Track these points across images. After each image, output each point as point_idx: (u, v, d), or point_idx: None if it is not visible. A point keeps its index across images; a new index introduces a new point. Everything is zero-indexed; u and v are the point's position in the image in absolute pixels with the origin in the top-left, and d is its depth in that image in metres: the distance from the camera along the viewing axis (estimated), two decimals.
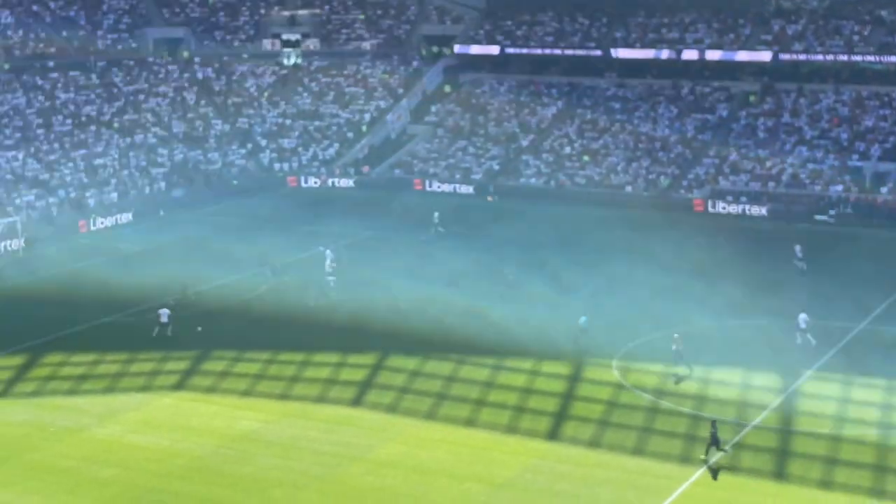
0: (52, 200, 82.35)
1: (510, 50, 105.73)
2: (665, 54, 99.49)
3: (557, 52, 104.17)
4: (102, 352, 53.47)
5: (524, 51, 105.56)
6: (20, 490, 38.96)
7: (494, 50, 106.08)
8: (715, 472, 39.74)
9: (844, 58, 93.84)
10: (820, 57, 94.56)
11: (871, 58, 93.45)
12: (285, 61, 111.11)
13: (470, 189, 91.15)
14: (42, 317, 58.69)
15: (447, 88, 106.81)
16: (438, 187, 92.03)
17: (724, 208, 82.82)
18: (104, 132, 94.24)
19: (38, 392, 48.68)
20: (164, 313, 55.38)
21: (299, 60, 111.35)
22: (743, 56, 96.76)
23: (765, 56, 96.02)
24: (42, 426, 44.64)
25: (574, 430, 43.61)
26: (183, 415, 45.92)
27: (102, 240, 76.97)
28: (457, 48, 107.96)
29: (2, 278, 67.12)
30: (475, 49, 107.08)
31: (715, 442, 40.41)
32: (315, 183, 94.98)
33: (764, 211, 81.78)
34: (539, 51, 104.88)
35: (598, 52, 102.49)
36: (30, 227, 76.18)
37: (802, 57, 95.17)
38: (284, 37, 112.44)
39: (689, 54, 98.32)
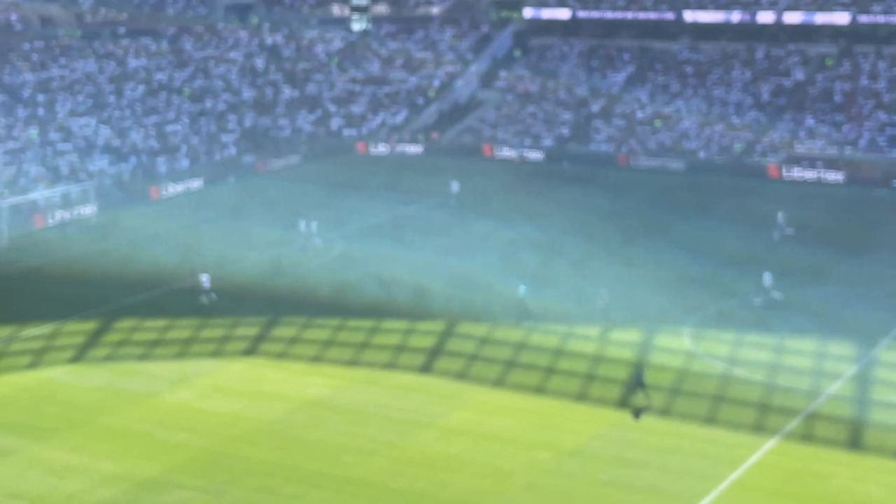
0: (125, 167, 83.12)
1: (581, 14, 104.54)
2: (739, 17, 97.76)
3: (629, 15, 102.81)
4: (174, 317, 53.94)
5: (595, 14, 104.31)
6: (94, 453, 39.44)
7: (565, 14, 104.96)
8: (638, 411, 41.48)
9: None
10: None
11: None
12: (354, 27, 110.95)
13: (539, 155, 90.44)
14: (115, 282, 59.28)
15: (517, 53, 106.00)
16: (507, 153, 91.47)
17: (799, 174, 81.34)
18: (175, 99, 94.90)
19: (111, 357, 49.24)
20: (206, 279, 55.83)
21: (368, 26, 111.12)
22: (820, 18, 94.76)
23: (842, 18, 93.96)
24: (115, 391, 45.16)
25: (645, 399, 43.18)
26: (253, 380, 46.18)
27: (173, 206, 77.54)
28: (527, 12, 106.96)
29: (75, 244, 67.88)
30: (545, 13, 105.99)
31: (639, 384, 41.94)
32: (384, 149, 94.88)
33: (840, 177, 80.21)
34: (610, 14, 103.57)
35: (671, 15, 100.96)
36: (102, 192, 76.97)
37: (881, 19, 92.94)
38: (353, 2, 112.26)
39: (764, 17, 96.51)
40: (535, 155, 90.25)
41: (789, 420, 40.63)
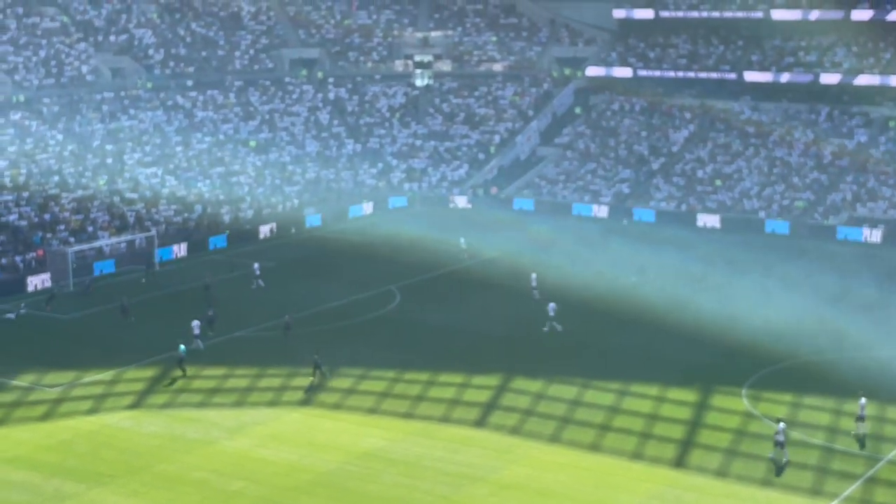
0: (190, 216, 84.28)
1: (642, 72, 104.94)
2: (801, 78, 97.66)
3: (691, 74, 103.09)
4: (233, 366, 54.51)
5: (656, 73, 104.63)
6: (151, 500, 39.90)
7: (626, 72, 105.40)
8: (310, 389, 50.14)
9: None
10: None
11: None
12: (417, 82, 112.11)
13: (604, 212, 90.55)
14: (176, 329, 59.91)
15: (578, 110, 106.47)
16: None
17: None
18: (241, 150, 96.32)
19: (169, 404, 49.82)
20: (196, 325, 56.49)
21: (431, 81, 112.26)
22: (883, 80, 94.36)
23: None
24: (174, 438, 45.67)
25: (701, 459, 42.95)
26: (310, 430, 46.51)
27: (239, 255, 78.40)
28: (588, 70, 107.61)
29: (140, 291, 68.81)
30: (606, 71, 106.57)
31: (317, 366, 51.44)
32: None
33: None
34: (672, 73, 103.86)
35: (733, 75, 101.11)
36: (167, 241, 78.13)
37: None
38: (417, 58, 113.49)
39: (828, 78, 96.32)
40: (598, 212, 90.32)
41: (848, 484, 40.22)
